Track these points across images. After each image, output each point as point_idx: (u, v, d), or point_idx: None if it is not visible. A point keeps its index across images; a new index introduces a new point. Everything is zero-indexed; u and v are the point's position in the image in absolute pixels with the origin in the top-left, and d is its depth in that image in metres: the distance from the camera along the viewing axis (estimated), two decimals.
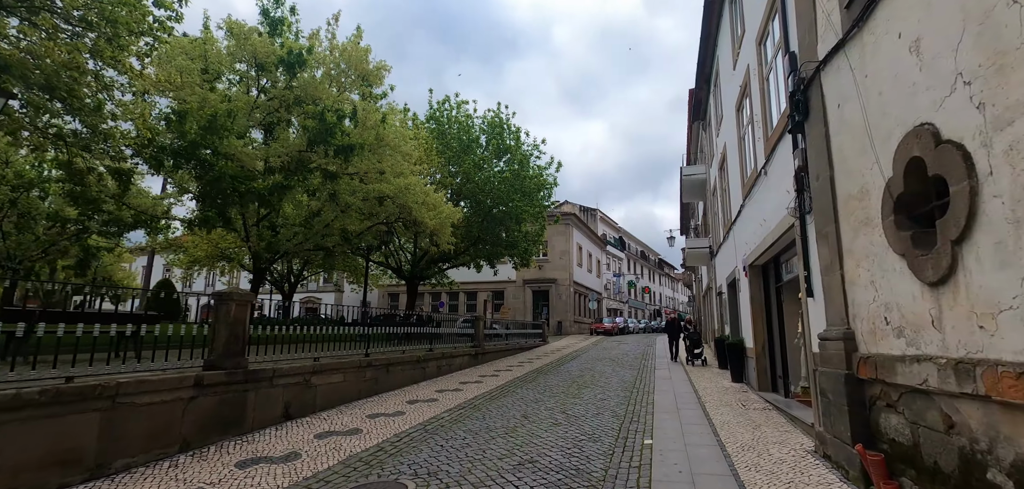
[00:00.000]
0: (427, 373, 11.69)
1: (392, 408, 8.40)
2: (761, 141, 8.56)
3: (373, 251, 19.10)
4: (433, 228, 13.73)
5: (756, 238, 9.44)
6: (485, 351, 15.56)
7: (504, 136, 20.93)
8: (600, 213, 52.33)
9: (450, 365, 13.01)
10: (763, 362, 10.17)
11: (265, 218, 14.55)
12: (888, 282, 4.20)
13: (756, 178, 9.11)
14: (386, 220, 14.61)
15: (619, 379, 12.29)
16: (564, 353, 19.77)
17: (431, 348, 12.29)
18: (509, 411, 8.32)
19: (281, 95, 11.95)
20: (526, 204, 19.86)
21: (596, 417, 7.93)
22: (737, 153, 11.13)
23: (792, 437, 6.49)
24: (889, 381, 4.15)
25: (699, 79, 16.30)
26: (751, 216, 9.87)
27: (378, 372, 9.61)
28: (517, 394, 10.00)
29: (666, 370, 14.38)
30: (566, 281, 37.26)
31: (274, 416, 6.96)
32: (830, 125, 5.23)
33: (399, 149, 13.36)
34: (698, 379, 12.47)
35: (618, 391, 10.51)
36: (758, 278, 10.43)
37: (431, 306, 41.39)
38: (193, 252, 26.27)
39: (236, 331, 6.42)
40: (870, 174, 4.44)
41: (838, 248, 5.08)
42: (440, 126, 21.18)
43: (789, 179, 6.80)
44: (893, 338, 4.14)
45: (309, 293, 45.76)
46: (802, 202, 6.15)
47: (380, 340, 10.93)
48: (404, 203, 13.27)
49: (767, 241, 8.44)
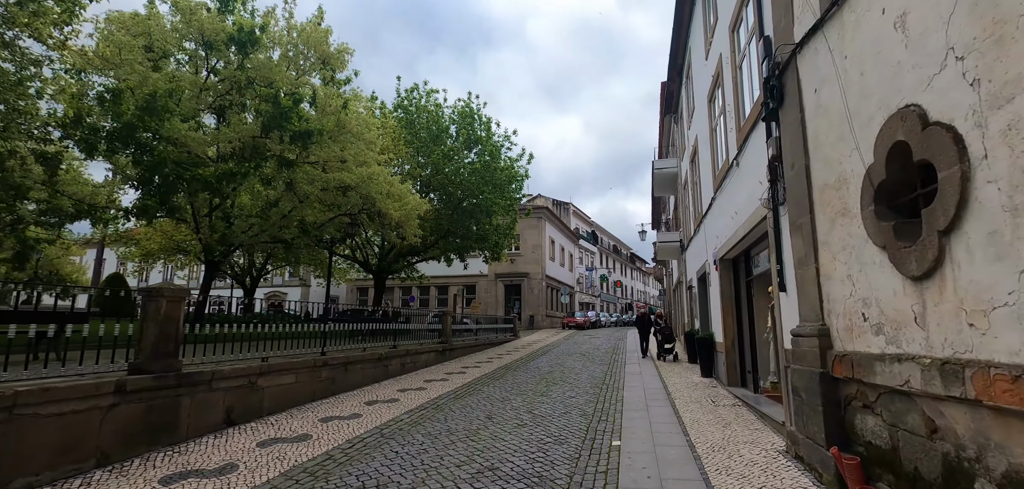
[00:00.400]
0: (390, 371, 11.18)
1: (348, 410, 7.89)
2: (733, 132, 8.35)
3: (337, 244, 18.33)
4: (398, 220, 13.15)
5: (727, 231, 9.27)
6: (453, 347, 15.11)
7: (475, 127, 20.40)
8: (573, 207, 52.32)
9: (416, 362, 12.52)
10: (732, 357, 10.05)
11: (218, 208, 13.71)
12: (867, 276, 3.96)
13: (728, 170, 8.92)
14: (349, 212, 13.95)
15: (589, 375, 12.04)
16: (535, 348, 19.49)
17: (395, 345, 11.77)
18: (473, 411, 7.92)
19: (232, 76, 11.16)
20: (497, 196, 19.42)
21: (563, 416, 7.61)
22: (708, 145, 10.96)
23: (763, 436, 6.29)
24: (866, 381, 3.91)
25: (671, 71, 16.15)
26: (722, 209, 9.70)
27: (335, 371, 9.06)
28: (483, 392, 9.61)
29: (636, 365, 14.23)
30: (538, 275, 37.04)
31: (214, 422, 6.37)
32: (806, 111, 4.99)
33: (362, 136, 12.72)
34: (668, 374, 12.33)
35: (587, 388, 10.24)
36: (728, 272, 10.30)
37: (401, 301, 40.62)
38: (145, 245, 24.92)
39: (167, 330, 5.80)
40: (848, 161, 4.19)
41: (813, 240, 4.84)
42: (408, 115, 20.49)
43: (762, 170, 6.58)
44: (871, 335, 3.90)
45: (275, 288, 44.29)
46: (775, 193, 5.92)
47: (340, 337, 10.36)
48: (367, 193, 12.65)
49: (738, 234, 8.26)
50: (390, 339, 11.72)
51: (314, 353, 8.79)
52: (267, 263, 28.49)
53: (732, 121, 8.41)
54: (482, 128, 20.29)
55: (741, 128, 7.82)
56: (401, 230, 14.29)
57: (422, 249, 21.81)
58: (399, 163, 19.39)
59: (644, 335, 17.54)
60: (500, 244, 22.25)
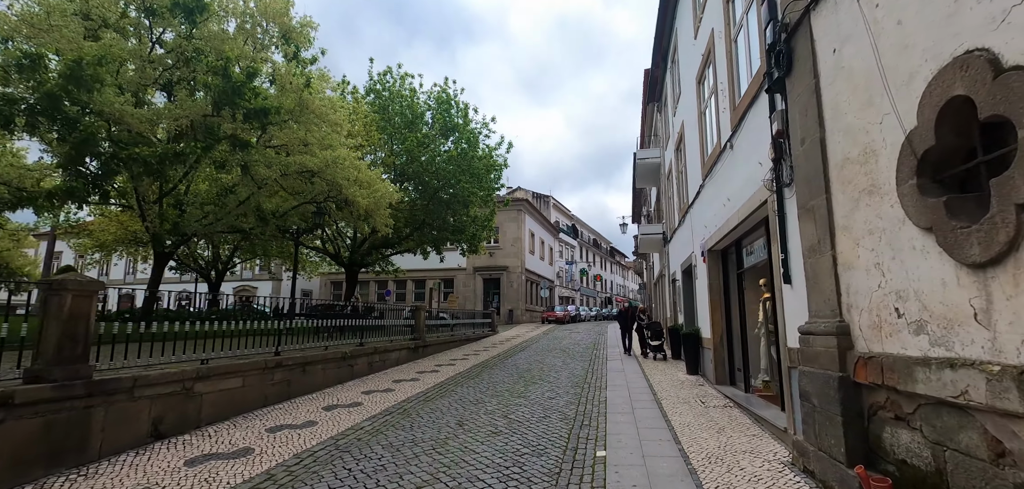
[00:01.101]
0: (356, 371, 10.32)
1: (303, 417, 7.04)
2: (727, 112, 7.73)
3: (305, 235, 17.28)
4: (366, 208, 12.22)
5: (718, 220, 8.68)
6: (427, 344, 14.30)
7: (451, 113, 19.49)
8: (553, 200, 51.75)
9: (385, 361, 11.68)
10: (721, 354, 9.50)
11: (169, 194, 12.59)
12: (903, 264, 3.33)
13: (719, 154, 8.31)
14: (314, 199, 12.99)
15: (569, 373, 11.38)
16: (513, 344, 18.79)
17: (362, 342, 10.90)
18: (443, 417, 7.16)
19: (179, 48, 10.10)
20: (474, 186, 18.59)
21: (543, 421, 6.91)
22: (697, 130, 10.36)
23: (762, 444, 5.68)
24: (902, 389, 3.29)
25: (656, 56, 15.55)
26: (712, 196, 9.11)
27: (291, 373, 8.18)
28: (456, 394, 8.85)
29: (619, 361, 13.65)
30: (518, 269, 36.36)
31: (136, 436, 5.47)
32: (822, 76, 4.34)
33: (327, 118, 11.76)
34: (652, 372, 11.75)
35: (568, 387, 9.57)
36: (717, 264, 9.73)
37: (377, 295, 39.50)
38: (99, 236, 23.38)
39: (74, 330, 4.88)
40: (879, 129, 3.55)
41: (829, 224, 4.21)
42: (381, 100, 19.48)
43: (761, 150, 5.95)
44: (909, 335, 3.28)
45: (244, 282, 42.61)
46: (779, 173, 5.29)
47: (302, 334, 9.47)
48: (333, 179, 11.71)
49: (731, 222, 7.65)
50: (356, 336, 10.85)
51: (267, 353, 7.90)
52: (234, 256, 27.18)
53: (725, 100, 7.79)
54: (459, 115, 19.41)
55: (736, 107, 7.20)
56: (371, 219, 13.36)
57: (396, 241, 20.89)
58: (371, 150, 18.41)
59: (626, 331, 16.52)
60: (478, 236, 21.45)
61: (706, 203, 9.81)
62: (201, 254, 27.60)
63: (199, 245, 26.67)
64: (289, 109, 11.11)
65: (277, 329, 8.27)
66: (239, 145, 9.98)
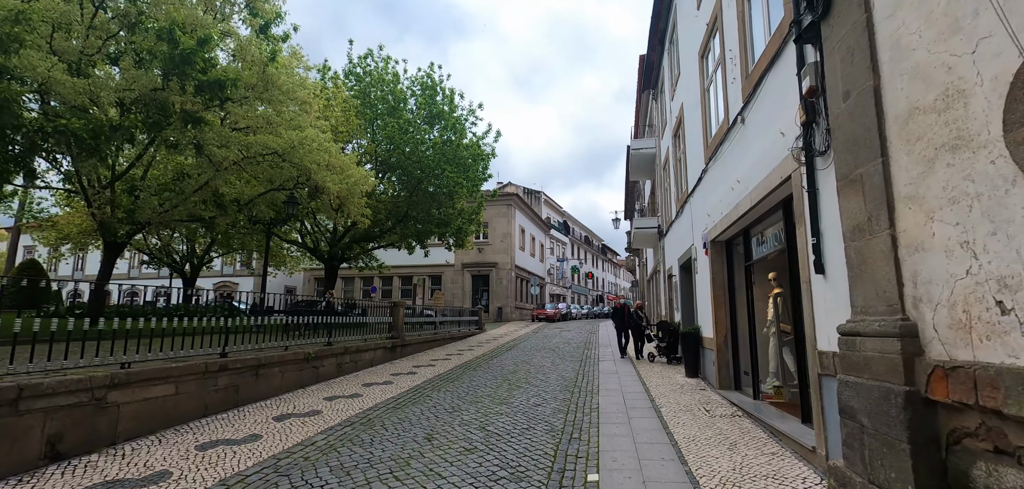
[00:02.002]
0: (322, 374, 9.31)
1: (247, 430, 6.04)
2: (737, 82, 6.82)
3: (277, 225, 16.19)
4: (338, 194, 11.19)
5: (723, 206, 7.78)
6: (406, 343, 13.30)
7: (437, 100, 18.46)
8: (544, 196, 50.83)
9: (357, 362, 10.67)
10: (725, 356, 8.62)
11: (121, 178, 11.48)
12: (1011, 240, 2.42)
13: (726, 132, 7.41)
14: (283, 186, 11.93)
15: (558, 375, 10.45)
16: (500, 343, 17.84)
17: (329, 342, 9.88)
18: (412, 429, 6.19)
19: (123, 12, 9.01)
20: (460, 176, 17.58)
21: (525, 434, 5.96)
22: (698, 110, 9.46)
23: (786, 466, 4.78)
24: (1010, 412, 2.38)
25: (652, 39, 14.64)
26: (718, 180, 8.21)
27: (240, 378, 7.17)
28: (431, 400, 7.88)
29: (612, 362, 12.75)
30: (507, 265, 35.39)
31: (23, 459, 4.44)
32: (875, 7, 3.42)
33: (293, 96, 10.70)
34: (649, 375, 10.85)
35: (556, 391, 8.64)
36: (721, 256, 8.85)
37: (363, 292, 38.36)
38: (65, 228, 22.12)
39: None
40: (969, 62, 2.64)
41: (886, 195, 3.29)
42: (362, 85, 18.41)
43: (784, 117, 5.05)
44: (1020, 337, 2.37)
45: (225, 278, 41.26)
46: (810, 139, 4.38)
47: (256, 333, 8.45)
48: (301, 163, 10.67)
49: (741, 207, 6.75)
50: (323, 335, 9.83)
51: (210, 354, 6.87)
52: (210, 250, 25.97)
53: (735, 69, 6.87)
54: (445, 102, 18.38)
55: (749, 75, 6.29)
56: (345, 208, 12.33)
57: (379, 235, 19.86)
58: (349, 136, 17.34)
59: (622, 330, 14.59)
60: (464, 230, 20.47)
61: (709, 190, 8.91)
62: (176, 248, 26.40)
63: (174, 238, 25.50)
64: (251, 84, 10.06)
65: (224, 327, 7.24)
66: (191, 121, 8.91)
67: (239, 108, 9.86)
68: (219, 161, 9.89)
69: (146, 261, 27.02)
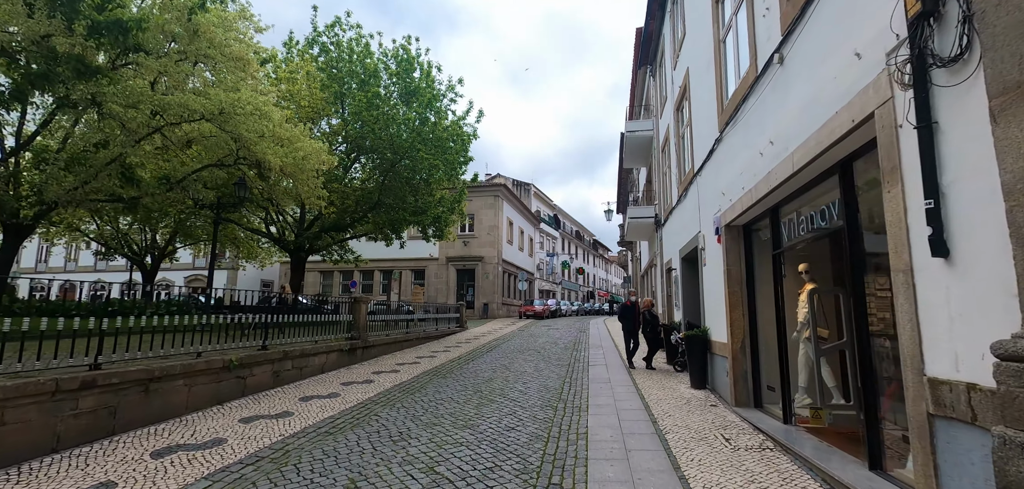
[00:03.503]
0: (252, 385, 7.62)
1: (98, 475, 4.35)
2: (772, 12, 5.22)
3: (229, 210, 14.39)
4: (282, 170, 9.45)
5: (747, 179, 6.20)
6: (369, 344, 11.61)
7: (414, 76, 16.70)
8: (534, 188, 49.16)
9: (303, 369, 8.98)
10: (742, 365, 7.05)
11: (23, 149, 9.67)
12: None
13: (754, 82, 5.82)
14: (222, 161, 10.18)
15: (541, 385, 8.84)
16: (481, 343, 16.20)
17: (264, 345, 8.19)
18: (332, 471, 4.53)
19: None
20: (437, 159, 15.86)
21: (487, 479, 4.34)
22: (711, 71, 7.87)
23: None
24: None
25: (651, 6, 13.03)
26: (737, 149, 6.63)
27: (120, 396, 5.46)
28: (377, 421, 6.23)
29: (603, 367, 11.17)
30: (494, 259, 33.72)
31: None
32: None
33: (227, 51, 8.94)
34: (647, 385, 9.26)
35: (536, 408, 7.03)
36: (738, 243, 7.27)
37: (342, 287, 36.49)
38: None
39: None
40: None
41: None
42: (328, 56, 16.62)
43: (862, 31, 3.45)
44: None
45: (197, 271, 39.11)
46: (924, 43, 2.77)
47: (154, 334, 6.72)
48: (235, 131, 8.92)
49: (776, 176, 5.15)
50: (257, 337, 8.13)
51: (74, 367, 5.17)
52: (173, 240, 24.01)
53: (768, 1, 5.27)
54: (423, 78, 16.63)
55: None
56: (297, 189, 10.58)
57: (350, 223, 18.11)
58: (313, 113, 15.55)
59: (632, 335, 11.53)
60: (444, 220, 18.77)
61: (724, 163, 7.33)
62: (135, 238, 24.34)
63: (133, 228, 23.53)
64: (171, 34, 8.30)
65: (99, 330, 5.52)
66: (82, 71, 7.13)
67: (154, 61, 8.09)
68: (129, 125, 8.12)
69: (101, 252, 25.04)
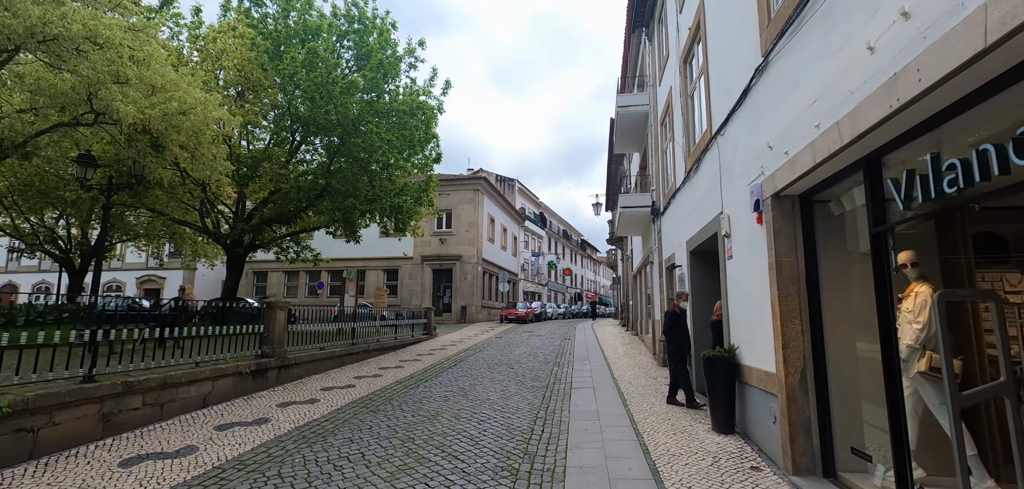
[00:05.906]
0: (42, 443, 4.98)
1: None
2: None
3: (121, 191, 11.66)
4: (136, 122, 6.76)
5: (830, 108, 3.74)
6: (286, 363, 8.95)
7: (368, 40, 14.06)
8: (519, 184, 46.63)
9: (165, 405, 6.33)
10: (803, 410, 4.58)
11: None
12: None
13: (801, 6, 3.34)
14: (77, 119, 7.48)
15: (504, 425, 6.28)
16: (447, 354, 13.61)
17: (90, 375, 5.52)
18: None
19: None
20: (391, 133, 13.22)
21: None
22: None
23: None
24: None
25: None
26: (810, 61, 4.17)
27: None
28: None
29: (590, 390, 8.66)
30: (473, 258, 31.09)
31: None
32: None
33: None
34: (651, 425, 6.72)
35: (496, 456, 4.49)
36: (791, 223, 4.81)
37: (308, 289, 33.59)
38: None
39: None
40: None
41: None
42: (264, 12, 13.93)
43: None
44: None
45: (149, 272, 35.90)
46: None
47: None
48: (79, 70, 6.25)
49: (868, 117, 2.68)
50: (78, 363, 5.48)
51: None
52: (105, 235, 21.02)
53: None
54: (378, 39, 14.00)
55: None
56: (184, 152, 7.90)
57: (294, 213, 15.39)
58: (242, 79, 12.86)
59: (681, 360, 7.63)
60: (407, 211, 16.09)
61: (772, 101, 4.87)
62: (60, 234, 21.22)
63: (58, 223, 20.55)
64: None
65: None
66: None
67: None
68: None
69: (21, 249, 22.02)
